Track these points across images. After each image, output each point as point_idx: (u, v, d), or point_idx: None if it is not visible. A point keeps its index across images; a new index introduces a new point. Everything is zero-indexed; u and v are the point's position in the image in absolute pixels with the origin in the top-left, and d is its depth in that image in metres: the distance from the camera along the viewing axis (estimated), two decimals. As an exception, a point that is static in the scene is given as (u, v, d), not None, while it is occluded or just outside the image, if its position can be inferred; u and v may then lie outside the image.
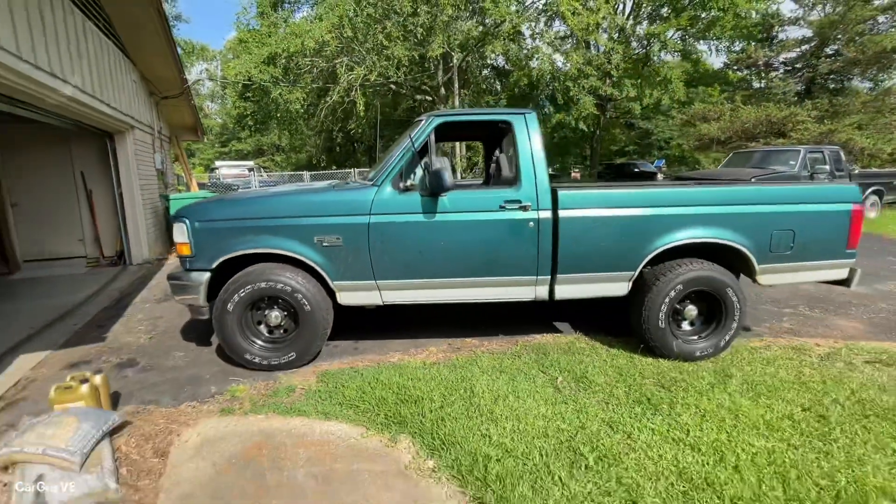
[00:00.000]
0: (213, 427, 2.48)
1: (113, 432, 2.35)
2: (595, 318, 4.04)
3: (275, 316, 3.06)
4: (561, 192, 3.02)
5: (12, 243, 6.61)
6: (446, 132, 3.38)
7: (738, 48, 19.05)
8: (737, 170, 9.51)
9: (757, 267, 3.11)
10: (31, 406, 2.71)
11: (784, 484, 1.95)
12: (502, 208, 2.97)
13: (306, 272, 3.01)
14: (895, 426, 2.36)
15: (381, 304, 3.11)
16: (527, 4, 15.10)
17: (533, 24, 15.61)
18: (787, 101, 17.98)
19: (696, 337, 3.20)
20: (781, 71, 21.95)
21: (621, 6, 19.42)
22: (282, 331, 3.13)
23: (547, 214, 2.99)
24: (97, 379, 2.44)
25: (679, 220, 3.00)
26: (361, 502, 1.92)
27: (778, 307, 4.47)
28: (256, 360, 3.02)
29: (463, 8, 14.92)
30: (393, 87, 17.50)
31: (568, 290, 3.14)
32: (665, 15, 17.87)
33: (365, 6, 14.99)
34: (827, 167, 9.14)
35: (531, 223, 2.98)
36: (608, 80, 18.12)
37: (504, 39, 15.21)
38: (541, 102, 19.98)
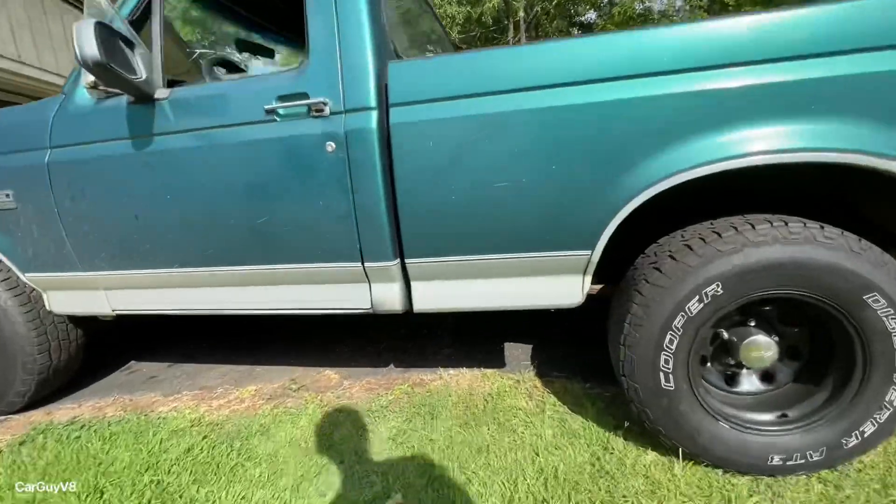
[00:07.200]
0: None
1: None
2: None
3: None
4: (393, 66, 1.29)
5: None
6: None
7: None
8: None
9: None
10: None
11: None
12: (270, 113, 1.35)
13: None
14: None
15: (111, 313, 1.73)
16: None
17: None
18: None
19: (773, 415, 1.24)
20: None
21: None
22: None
23: (367, 118, 1.29)
24: None
25: (724, 97, 1.07)
26: None
27: None
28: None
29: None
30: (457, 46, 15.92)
31: (440, 290, 1.41)
32: None
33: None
34: None
35: (331, 143, 1.31)
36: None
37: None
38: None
